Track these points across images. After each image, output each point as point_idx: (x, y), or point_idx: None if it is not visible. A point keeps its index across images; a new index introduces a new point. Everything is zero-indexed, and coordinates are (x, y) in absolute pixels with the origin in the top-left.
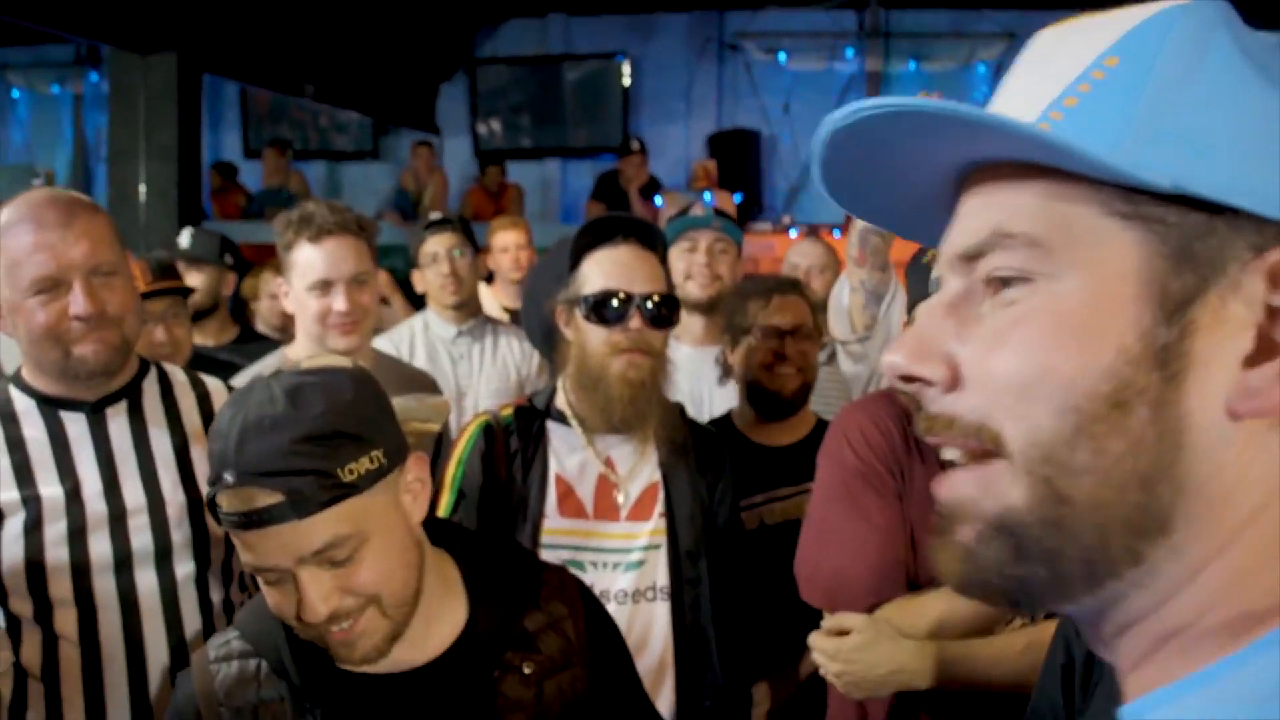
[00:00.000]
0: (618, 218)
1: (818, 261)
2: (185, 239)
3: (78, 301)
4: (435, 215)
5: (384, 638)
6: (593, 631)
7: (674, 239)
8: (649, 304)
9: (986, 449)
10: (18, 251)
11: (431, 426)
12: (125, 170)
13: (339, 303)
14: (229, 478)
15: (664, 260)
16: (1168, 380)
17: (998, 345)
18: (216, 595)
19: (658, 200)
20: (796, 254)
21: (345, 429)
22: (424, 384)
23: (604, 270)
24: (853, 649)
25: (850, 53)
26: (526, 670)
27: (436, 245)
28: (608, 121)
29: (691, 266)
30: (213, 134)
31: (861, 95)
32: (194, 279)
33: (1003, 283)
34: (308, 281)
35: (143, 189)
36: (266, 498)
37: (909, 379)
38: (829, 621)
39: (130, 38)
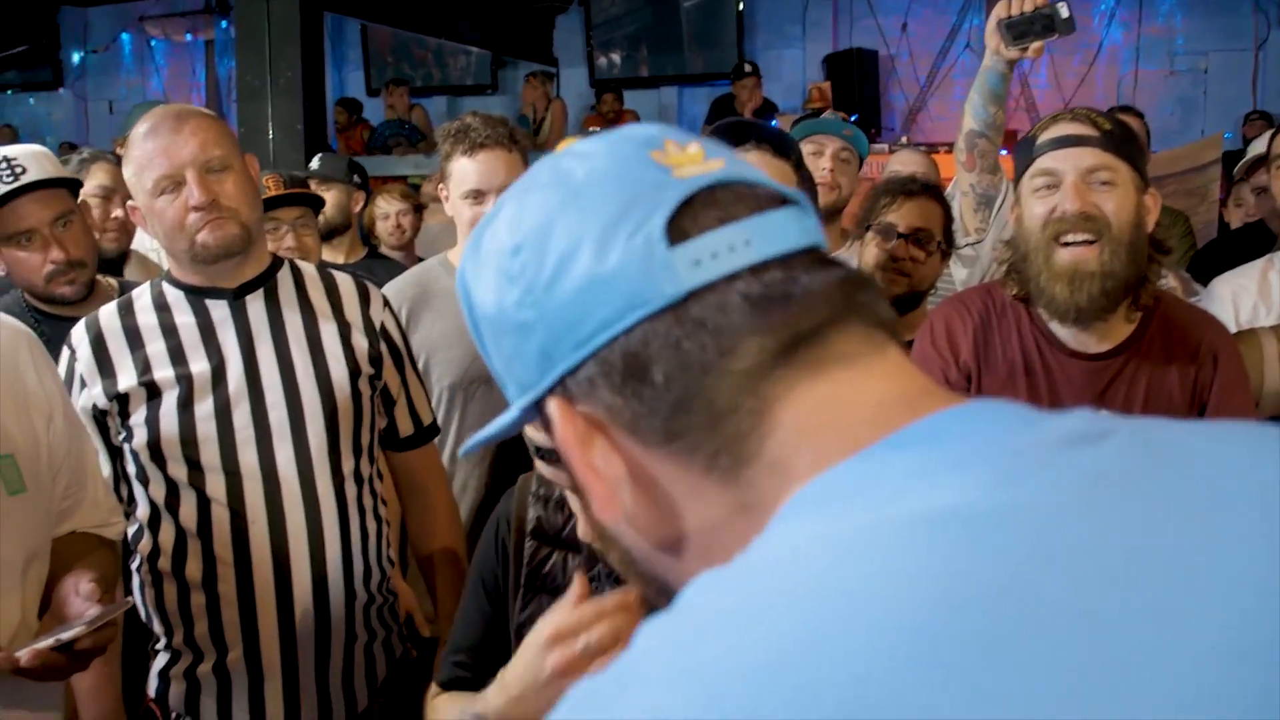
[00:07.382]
0: (749, 123)
1: (918, 169)
2: (315, 161)
3: (193, 193)
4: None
5: None
6: None
7: (800, 139)
8: None
9: None
10: (142, 159)
11: None
12: (254, 108)
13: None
14: None
15: (799, 168)
16: None
17: None
18: (347, 465)
19: (773, 124)
20: (897, 162)
21: None
22: None
23: None
24: None
25: None
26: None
27: None
28: (723, 47)
29: (814, 172)
30: (337, 73)
31: (983, 11)
32: (327, 196)
33: None
34: (462, 190)
35: (271, 125)
36: None
37: None
38: None
39: None
